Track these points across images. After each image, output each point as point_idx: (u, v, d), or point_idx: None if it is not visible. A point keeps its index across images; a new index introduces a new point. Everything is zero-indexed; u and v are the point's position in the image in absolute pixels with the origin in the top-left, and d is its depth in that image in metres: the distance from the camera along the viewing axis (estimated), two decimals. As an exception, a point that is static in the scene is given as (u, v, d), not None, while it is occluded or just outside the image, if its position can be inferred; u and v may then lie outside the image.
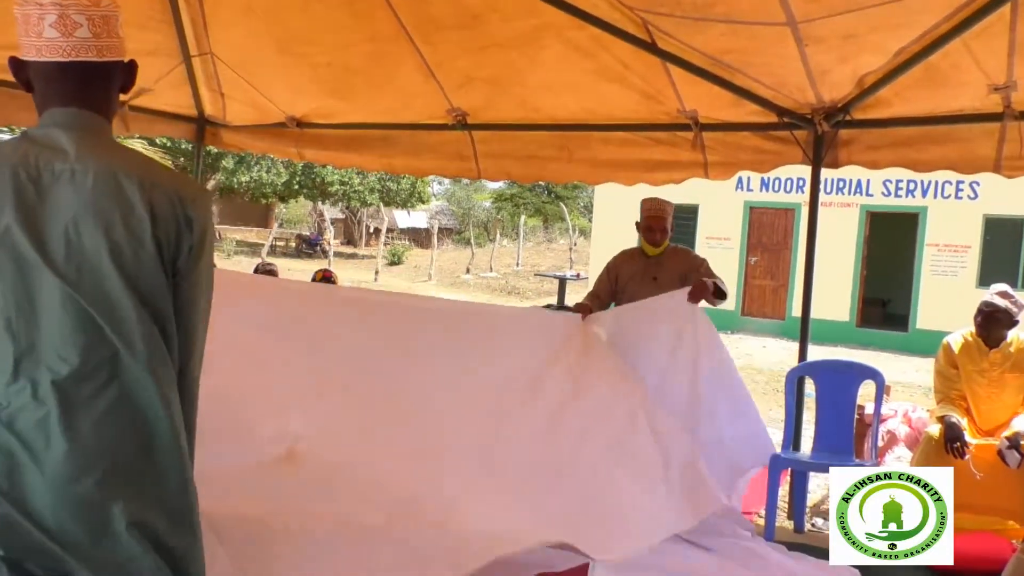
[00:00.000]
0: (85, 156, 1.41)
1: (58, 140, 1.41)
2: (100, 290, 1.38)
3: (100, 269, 1.38)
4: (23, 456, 1.34)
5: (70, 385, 1.36)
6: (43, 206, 1.37)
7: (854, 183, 13.64)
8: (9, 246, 1.36)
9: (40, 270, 1.36)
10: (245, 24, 4.54)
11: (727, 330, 14.42)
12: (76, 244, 1.38)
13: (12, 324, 1.36)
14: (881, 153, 4.06)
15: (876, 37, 3.24)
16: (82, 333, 1.37)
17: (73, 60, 1.43)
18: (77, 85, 1.45)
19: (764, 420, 7.19)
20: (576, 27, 3.68)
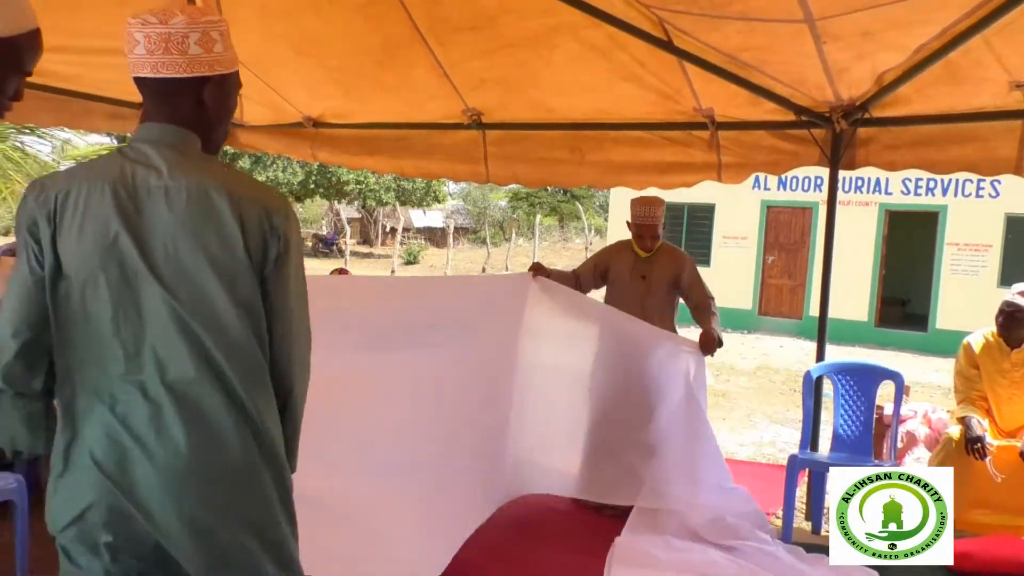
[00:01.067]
0: (177, 173, 1.49)
1: (151, 157, 1.50)
2: (200, 301, 1.47)
3: (199, 280, 1.47)
4: (135, 451, 1.43)
5: (178, 387, 1.45)
6: (142, 221, 1.47)
7: (873, 182, 13.52)
8: (117, 254, 1.45)
9: (145, 279, 1.45)
10: (261, 25, 4.56)
11: (744, 330, 14.35)
12: (174, 257, 1.46)
13: (121, 329, 1.45)
14: (899, 153, 4.01)
15: (895, 34, 3.21)
16: (185, 341, 1.46)
17: (153, 76, 1.51)
18: (162, 100, 1.54)
19: (781, 421, 7.18)
20: (591, 26, 3.67)
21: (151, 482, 1.43)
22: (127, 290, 1.45)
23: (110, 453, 1.44)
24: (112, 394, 1.45)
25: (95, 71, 4.52)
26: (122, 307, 1.45)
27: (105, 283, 1.45)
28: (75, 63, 4.29)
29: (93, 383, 1.47)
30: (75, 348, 1.47)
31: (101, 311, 1.45)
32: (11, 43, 1.50)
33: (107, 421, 1.45)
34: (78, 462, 1.46)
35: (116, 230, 1.45)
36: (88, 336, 1.46)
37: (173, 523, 1.44)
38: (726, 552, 3.56)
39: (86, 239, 1.45)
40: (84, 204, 1.45)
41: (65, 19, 3.89)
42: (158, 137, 1.53)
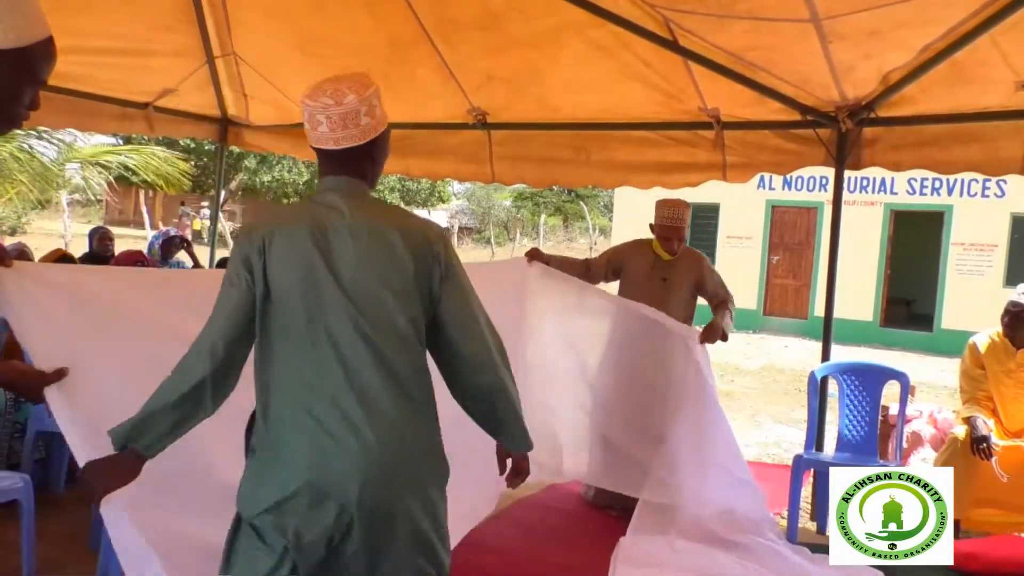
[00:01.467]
0: (357, 215, 1.81)
1: (335, 203, 1.83)
2: (380, 318, 1.76)
3: (379, 301, 1.76)
4: (331, 448, 1.69)
5: (366, 392, 1.72)
6: (332, 255, 1.77)
7: (878, 181, 13.50)
8: (314, 282, 1.75)
9: (337, 301, 1.75)
10: (267, 25, 4.58)
11: (749, 330, 14.33)
12: (361, 284, 1.76)
13: (315, 344, 1.74)
14: (904, 153, 4.01)
15: (901, 33, 3.21)
16: (369, 352, 1.73)
17: (335, 148, 1.84)
18: (340, 162, 1.86)
19: (786, 421, 7.17)
20: (597, 25, 3.67)
21: (346, 474, 1.68)
22: (321, 312, 1.74)
23: (310, 451, 1.69)
24: (309, 400, 1.72)
25: (103, 71, 4.55)
26: (317, 325, 1.73)
27: (303, 306, 1.74)
28: (83, 63, 4.31)
29: (292, 390, 1.73)
30: (277, 359, 1.75)
31: (301, 329, 1.74)
32: (24, 53, 1.49)
33: (306, 423, 1.71)
34: (280, 459, 1.72)
35: (314, 263, 1.75)
36: (288, 349, 1.74)
37: (364, 507, 1.69)
38: (732, 552, 3.55)
39: (290, 270, 1.75)
40: (287, 242, 1.76)
41: (73, 19, 3.91)
42: (339, 188, 1.85)
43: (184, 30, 4.51)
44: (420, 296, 1.81)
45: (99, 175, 10.15)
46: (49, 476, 3.97)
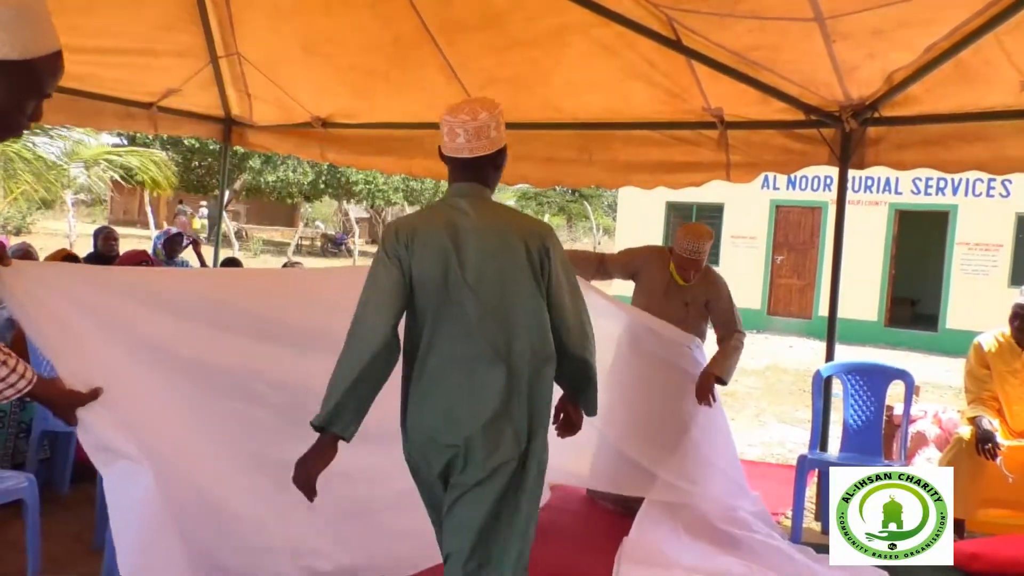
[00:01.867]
0: (481, 216, 2.22)
1: (463, 206, 2.23)
2: (499, 304, 2.16)
3: (501, 292, 2.17)
4: (461, 400, 2.15)
5: (483, 356, 2.14)
6: (461, 250, 2.17)
7: (882, 181, 13.47)
8: (447, 272, 2.15)
9: (463, 289, 2.15)
10: (271, 25, 4.59)
11: (753, 329, 14.31)
12: (485, 275, 2.16)
13: (445, 321, 2.16)
14: (909, 153, 3.99)
15: (905, 33, 3.20)
16: (487, 331, 2.15)
17: (465, 157, 2.24)
18: (470, 169, 2.26)
19: (791, 421, 7.16)
20: (601, 25, 3.67)
21: (472, 420, 2.12)
22: (451, 296, 2.15)
23: (443, 401, 2.15)
24: (443, 364, 2.16)
25: (105, 70, 4.56)
26: (449, 307, 2.15)
27: (437, 291, 2.15)
28: (86, 62, 4.32)
29: (432, 356, 2.17)
30: (423, 331, 2.18)
31: (439, 309, 2.16)
32: (30, 66, 1.48)
33: (440, 383, 2.16)
34: (424, 407, 2.18)
35: (448, 256, 2.15)
36: (429, 324, 2.17)
37: (474, 438, 2.12)
38: (736, 551, 3.55)
39: (429, 261, 2.16)
40: (426, 238, 2.17)
41: (77, 19, 3.92)
42: (466, 193, 2.26)
43: (188, 30, 4.52)
44: (533, 284, 2.19)
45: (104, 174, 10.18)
46: (54, 476, 3.98)
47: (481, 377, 2.14)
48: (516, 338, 2.17)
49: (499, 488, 2.15)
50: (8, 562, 3.19)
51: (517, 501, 2.18)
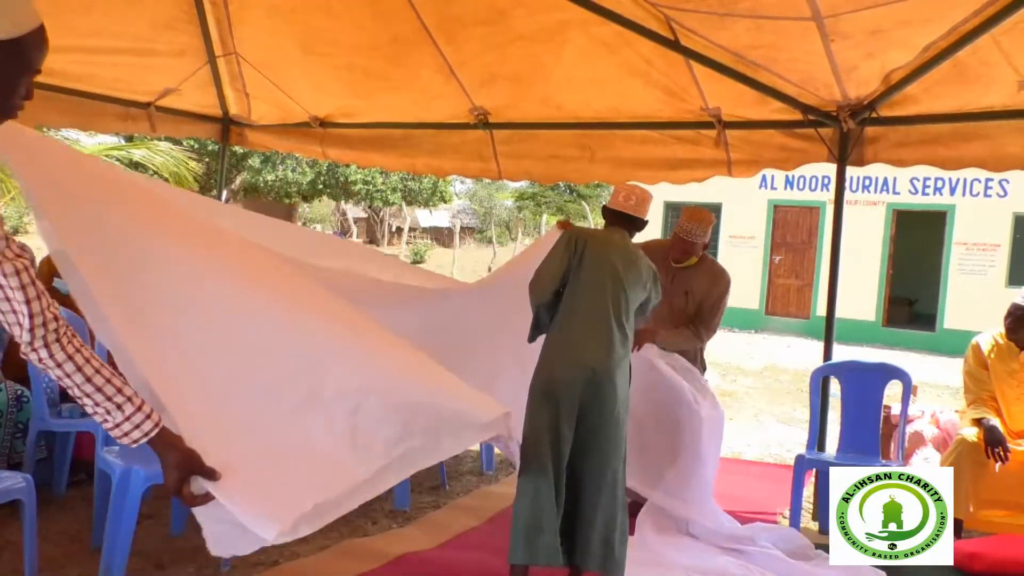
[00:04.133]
0: (624, 247, 3.31)
1: (617, 242, 3.31)
2: (618, 303, 3.22)
3: (622, 294, 3.23)
4: (583, 351, 3.18)
5: (606, 328, 3.19)
6: (615, 259, 3.24)
7: (880, 181, 13.49)
8: (601, 273, 3.22)
9: (603, 287, 3.21)
10: (269, 25, 4.58)
11: (751, 329, 14.32)
12: (622, 277, 3.23)
13: (592, 302, 3.21)
14: (908, 151, 4.00)
15: (903, 33, 3.21)
16: (607, 321, 3.19)
17: (621, 211, 3.37)
18: (625, 222, 3.38)
19: (789, 421, 7.16)
20: (600, 22, 3.67)
21: (592, 368, 3.12)
22: (599, 287, 3.19)
23: (574, 351, 3.16)
24: (582, 325, 3.19)
25: (106, 71, 4.55)
26: (595, 293, 3.19)
27: (590, 282, 3.20)
28: (86, 63, 4.31)
29: (575, 318, 3.20)
30: (573, 300, 3.21)
31: (586, 291, 3.20)
32: (18, 43, 1.50)
33: (577, 337, 3.17)
34: (561, 353, 3.18)
35: (605, 262, 3.22)
36: (578, 297, 3.20)
37: (592, 382, 3.12)
38: (735, 555, 3.56)
39: (593, 262, 3.21)
40: (595, 248, 3.24)
41: (76, 19, 3.92)
42: (620, 233, 3.36)
43: (186, 30, 4.51)
44: (644, 296, 3.32)
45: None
46: (51, 476, 3.97)
47: (601, 341, 3.23)
48: (622, 331, 3.27)
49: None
50: (6, 563, 3.19)
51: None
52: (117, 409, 1.58)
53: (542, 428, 3.10)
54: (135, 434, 1.59)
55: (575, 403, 3.10)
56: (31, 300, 1.57)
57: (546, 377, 3.16)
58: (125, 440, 1.59)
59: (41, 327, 1.57)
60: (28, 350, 1.58)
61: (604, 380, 3.11)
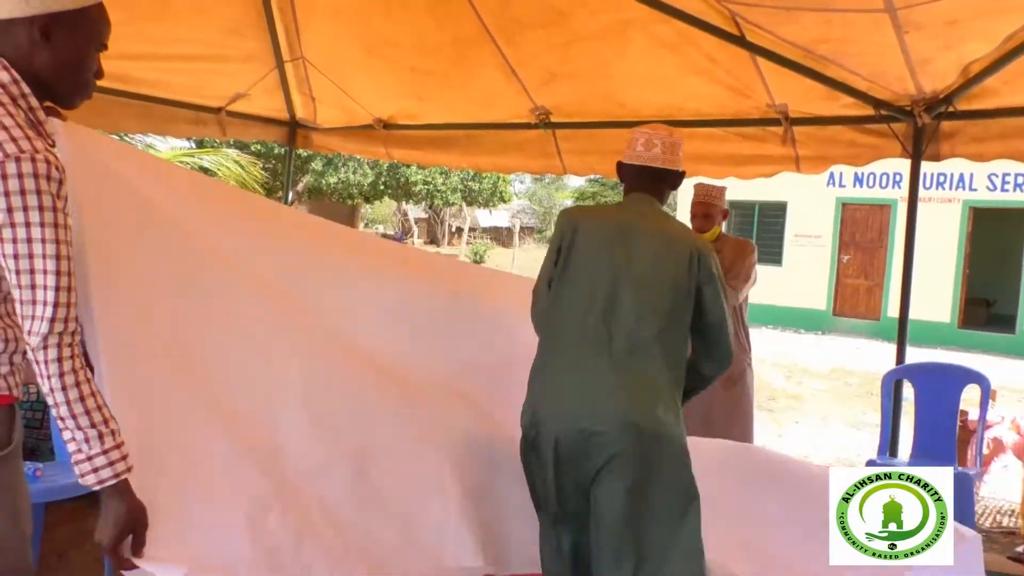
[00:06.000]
0: (651, 222, 2.35)
1: (637, 211, 2.38)
2: (658, 297, 2.23)
3: (656, 286, 2.24)
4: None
5: (621, 357, 2.18)
6: (630, 245, 2.28)
7: (956, 177, 12.99)
8: (614, 264, 2.26)
9: (627, 277, 2.24)
10: (333, 28, 4.67)
11: (817, 330, 13.97)
12: (645, 270, 2.25)
13: (591, 309, 2.23)
14: (987, 145, 3.83)
15: (982, 22, 3.08)
16: (634, 322, 2.20)
17: (645, 165, 2.40)
18: (652, 180, 2.41)
19: (859, 425, 6.96)
20: (662, 21, 3.63)
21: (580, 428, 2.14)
22: (587, 295, 2.25)
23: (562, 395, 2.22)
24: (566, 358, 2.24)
25: (178, 77, 4.70)
26: (582, 304, 2.24)
27: (577, 287, 2.28)
28: (159, 69, 4.46)
29: (555, 347, 2.28)
30: (547, 329, 2.32)
31: (571, 302, 2.28)
32: (87, 14, 1.56)
33: (557, 372, 2.25)
34: (537, 396, 2.27)
35: (613, 248, 2.28)
36: (559, 316, 2.29)
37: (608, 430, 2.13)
38: None
39: (593, 247, 2.30)
40: (591, 232, 2.33)
41: (148, 27, 4.05)
42: (643, 201, 2.40)
43: (255, 35, 4.63)
44: (687, 287, 2.25)
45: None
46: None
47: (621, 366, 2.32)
48: (662, 334, 2.33)
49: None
50: (87, 550, 3.33)
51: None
52: (98, 439, 1.44)
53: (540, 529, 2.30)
54: (105, 472, 1.45)
55: (573, 477, 2.16)
56: (61, 288, 1.42)
57: (523, 432, 2.26)
58: (90, 478, 1.45)
59: (63, 322, 1.42)
60: (38, 343, 1.40)
61: (610, 444, 2.09)
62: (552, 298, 2.33)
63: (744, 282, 3.95)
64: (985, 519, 4.55)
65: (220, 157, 9.60)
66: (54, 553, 3.28)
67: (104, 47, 1.62)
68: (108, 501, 1.47)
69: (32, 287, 1.40)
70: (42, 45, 1.49)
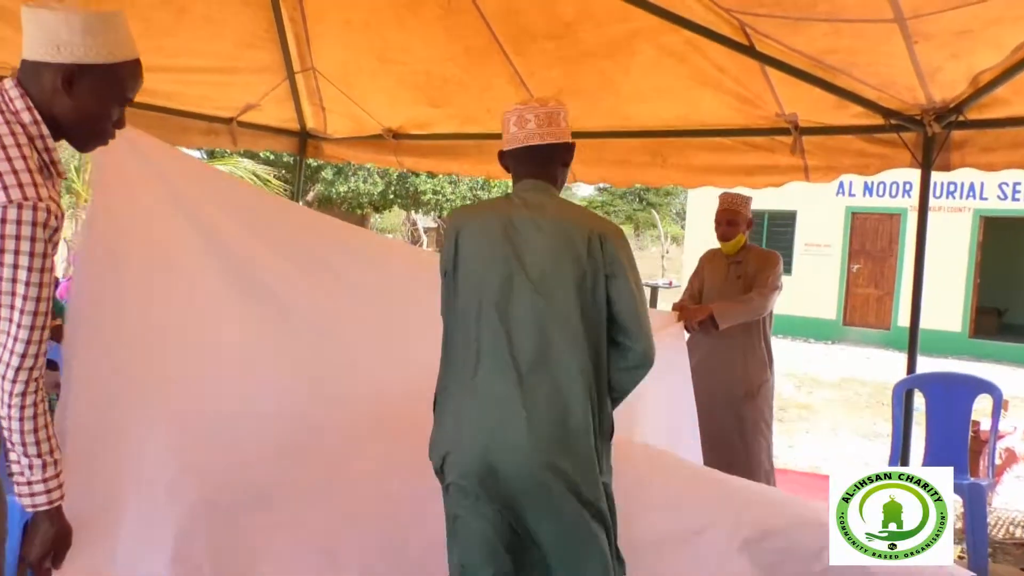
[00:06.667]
0: (543, 212, 2.06)
1: (526, 201, 2.09)
2: (553, 299, 1.98)
3: (556, 284, 1.98)
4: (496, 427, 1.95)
5: (527, 370, 1.95)
6: (519, 242, 2.02)
7: (966, 186, 12.95)
8: (505, 263, 2.01)
9: (521, 280, 1.99)
10: (344, 39, 4.70)
11: (827, 340, 13.90)
12: (541, 268, 2.00)
13: (494, 329, 1.99)
14: (998, 155, 3.83)
15: (993, 32, 3.08)
16: (538, 330, 1.97)
17: (523, 146, 2.11)
18: (539, 161, 2.13)
19: (869, 435, 6.92)
20: (670, 31, 3.64)
21: (506, 448, 1.95)
22: (503, 290, 1.99)
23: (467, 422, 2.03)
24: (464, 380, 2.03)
25: (192, 88, 4.74)
26: (491, 304, 1.99)
27: (466, 299, 2.03)
28: (174, 81, 4.50)
29: (449, 368, 2.08)
30: (443, 349, 2.08)
31: (461, 316, 2.03)
32: (114, 70, 1.61)
33: (459, 397, 2.05)
34: (445, 425, 2.08)
35: (505, 250, 2.01)
36: (452, 332, 2.07)
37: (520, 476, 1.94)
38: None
39: (478, 253, 2.05)
40: (476, 232, 2.07)
41: (164, 40, 4.10)
42: (533, 187, 2.12)
43: (266, 47, 4.67)
44: (589, 285, 1.99)
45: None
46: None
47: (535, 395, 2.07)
48: (564, 346, 2.07)
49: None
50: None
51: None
52: (41, 468, 1.54)
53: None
54: (40, 499, 1.55)
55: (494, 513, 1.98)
56: (36, 328, 1.51)
57: (437, 461, 2.06)
58: (26, 500, 1.55)
59: (32, 358, 1.51)
60: (9, 375, 1.49)
61: (514, 479, 1.92)
62: (447, 315, 2.07)
63: (772, 291, 4.00)
64: (998, 530, 4.51)
65: (232, 166, 9.67)
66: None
67: (129, 101, 1.68)
68: (39, 523, 1.59)
69: (9, 321, 1.49)
70: (63, 93, 1.57)
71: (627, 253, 2.06)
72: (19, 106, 1.54)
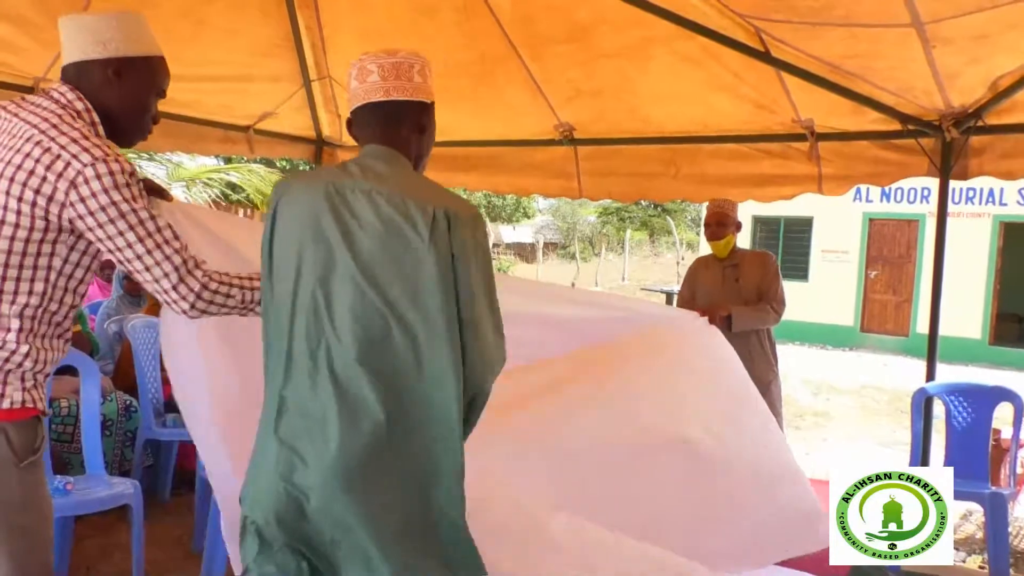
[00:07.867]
0: (382, 181, 1.65)
1: (361, 167, 1.69)
2: (381, 287, 1.58)
3: (384, 268, 1.59)
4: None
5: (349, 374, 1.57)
6: (346, 214, 1.62)
7: (985, 192, 12.82)
8: (322, 251, 1.62)
9: (344, 271, 1.60)
10: (361, 47, 4.71)
11: (844, 347, 13.79)
12: (370, 244, 1.60)
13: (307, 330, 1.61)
14: (1017, 162, 3.79)
15: (1012, 36, 3.05)
16: (362, 320, 1.58)
17: (363, 103, 1.76)
18: (387, 122, 1.75)
19: (888, 443, 6.85)
20: (686, 37, 3.64)
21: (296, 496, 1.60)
22: (322, 279, 1.61)
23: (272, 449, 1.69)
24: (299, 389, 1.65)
25: (209, 97, 4.78)
26: (307, 298, 1.62)
27: (303, 273, 1.63)
28: (192, 90, 4.54)
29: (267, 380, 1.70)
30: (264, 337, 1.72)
31: (274, 312, 1.68)
32: (150, 63, 1.80)
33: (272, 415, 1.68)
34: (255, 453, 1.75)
35: (325, 221, 1.62)
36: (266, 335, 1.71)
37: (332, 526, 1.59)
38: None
39: (292, 232, 1.65)
40: (295, 204, 1.67)
41: (182, 50, 4.13)
42: (369, 153, 1.72)
43: (283, 55, 4.71)
44: (436, 271, 1.59)
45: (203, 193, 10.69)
46: (157, 483, 4.17)
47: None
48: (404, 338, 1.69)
49: None
50: (115, 563, 3.37)
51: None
52: (251, 291, 1.80)
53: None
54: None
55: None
56: (161, 244, 1.70)
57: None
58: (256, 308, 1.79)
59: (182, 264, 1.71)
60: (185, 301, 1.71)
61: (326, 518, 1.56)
62: (264, 308, 1.70)
63: (783, 305, 4.01)
64: (1020, 540, 4.45)
65: (247, 175, 9.75)
66: (83, 565, 3.34)
67: (163, 94, 1.87)
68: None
69: (143, 262, 1.67)
70: (115, 83, 1.75)
71: (479, 240, 1.67)
72: (71, 97, 1.71)
